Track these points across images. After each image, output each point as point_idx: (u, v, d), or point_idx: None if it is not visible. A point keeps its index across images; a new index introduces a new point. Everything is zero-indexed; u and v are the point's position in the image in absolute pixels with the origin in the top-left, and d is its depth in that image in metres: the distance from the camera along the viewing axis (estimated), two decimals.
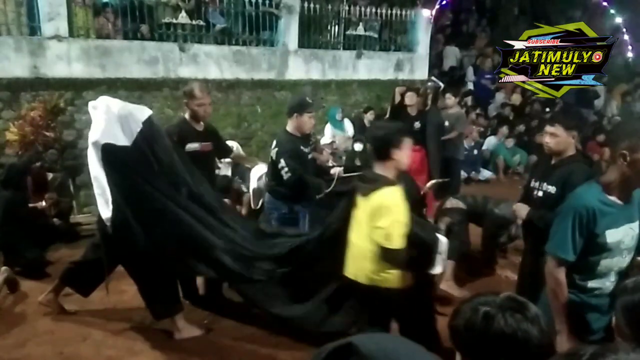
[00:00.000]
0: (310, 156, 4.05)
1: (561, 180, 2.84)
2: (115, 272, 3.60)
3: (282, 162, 3.69)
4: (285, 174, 3.69)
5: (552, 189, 2.89)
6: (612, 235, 2.14)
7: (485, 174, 8.73)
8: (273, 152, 3.82)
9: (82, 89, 6.41)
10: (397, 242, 2.56)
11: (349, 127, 7.92)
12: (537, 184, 3.07)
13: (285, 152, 3.73)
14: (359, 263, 2.78)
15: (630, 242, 2.21)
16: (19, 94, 6.04)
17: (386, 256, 2.60)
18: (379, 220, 2.59)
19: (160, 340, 3.50)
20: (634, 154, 2.05)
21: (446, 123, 6.54)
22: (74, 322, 3.71)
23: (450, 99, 7.02)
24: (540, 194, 3.00)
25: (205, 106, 3.86)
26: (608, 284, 2.24)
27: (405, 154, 2.73)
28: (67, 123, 6.28)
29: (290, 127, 3.88)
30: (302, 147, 3.89)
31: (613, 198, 2.14)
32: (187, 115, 3.90)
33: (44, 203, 4.99)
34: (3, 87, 5.97)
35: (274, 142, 3.89)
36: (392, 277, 2.70)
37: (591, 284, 2.24)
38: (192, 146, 3.80)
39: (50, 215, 5.16)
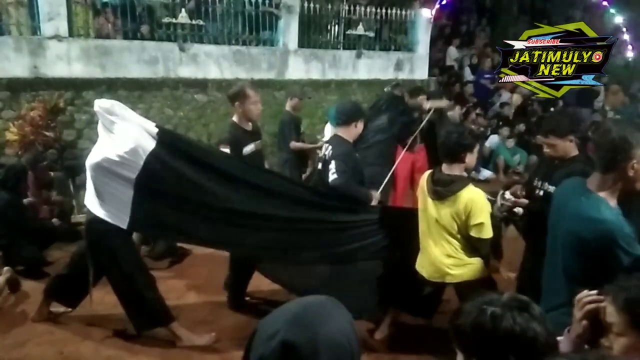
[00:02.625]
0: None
1: (561, 181, 2.84)
2: None
3: (333, 167, 3.40)
4: (332, 174, 3.40)
5: (552, 189, 2.91)
6: None
7: (485, 173, 8.73)
8: (328, 155, 3.51)
9: (82, 88, 6.40)
10: (491, 232, 2.87)
11: None
12: (539, 183, 3.10)
13: (341, 155, 3.44)
14: (438, 265, 3.02)
15: None
16: (19, 94, 6.03)
17: (483, 246, 2.91)
18: (477, 216, 2.82)
19: (160, 340, 3.49)
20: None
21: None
22: (74, 322, 3.70)
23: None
24: (542, 193, 3.02)
25: (258, 103, 3.88)
26: None
27: (474, 157, 3.00)
28: (67, 123, 6.28)
29: (347, 134, 3.56)
30: (356, 154, 3.66)
31: (616, 207, 2.00)
32: (236, 118, 3.88)
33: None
34: (3, 87, 5.96)
35: (329, 148, 3.56)
36: (479, 267, 2.97)
37: None
38: (249, 149, 3.82)
39: (51, 215, 5.17)
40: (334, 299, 1.06)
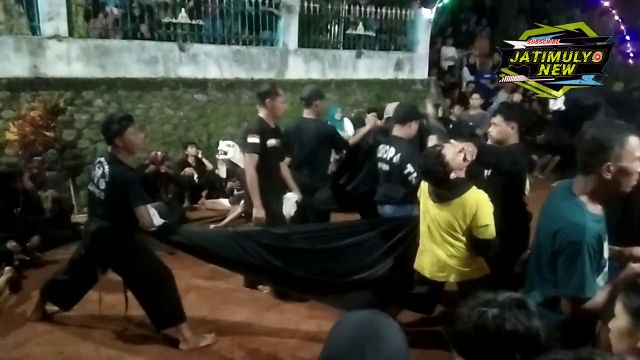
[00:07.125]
0: None
1: (489, 162, 3.17)
2: (113, 274, 3.57)
3: (410, 168, 3.57)
4: (415, 179, 3.51)
5: (487, 173, 3.29)
6: (606, 249, 2.01)
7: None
8: (396, 158, 3.66)
9: (82, 88, 6.41)
10: (494, 232, 2.86)
11: (348, 127, 7.91)
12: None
13: (411, 157, 3.58)
14: (442, 265, 3.01)
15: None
16: (19, 93, 6.03)
17: (486, 246, 2.91)
18: (483, 218, 2.82)
19: (160, 340, 3.49)
20: (618, 162, 1.84)
21: (470, 123, 6.81)
22: (74, 322, 3.71)
23: (477, 100, 7.19)
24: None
25: (285, 103, 4.17)
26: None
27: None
28: (67, 123, 6.28)
29: (403, 133, 3.78)
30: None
31: (598, 211, 1.96)
32: (263, 114, 4.08)
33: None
34: (3, 87, 5.96)
35: (391, 149, 3.72)
36: (483, 266, 3.01)
37: None
38: (271, 142, 4.04)
39: (52, 214, 5.18)
40: (382, 314, 1.13)
